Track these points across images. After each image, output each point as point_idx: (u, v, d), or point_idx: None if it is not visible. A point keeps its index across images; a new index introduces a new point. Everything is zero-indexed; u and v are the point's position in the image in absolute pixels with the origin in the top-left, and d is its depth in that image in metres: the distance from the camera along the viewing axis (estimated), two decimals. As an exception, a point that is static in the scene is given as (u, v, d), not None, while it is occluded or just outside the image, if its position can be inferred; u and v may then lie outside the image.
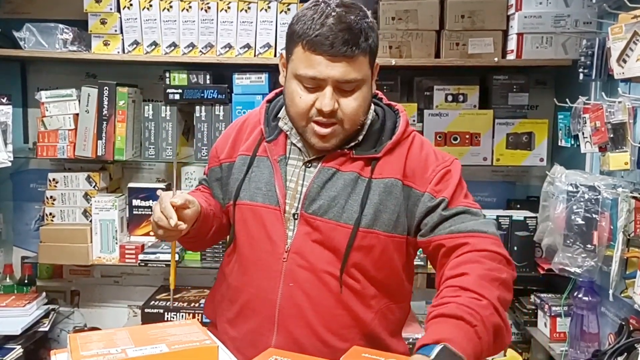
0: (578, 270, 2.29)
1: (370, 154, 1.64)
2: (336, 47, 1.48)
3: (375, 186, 1.61)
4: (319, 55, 1.50)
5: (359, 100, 1.57)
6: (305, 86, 1.55)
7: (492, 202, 3.21)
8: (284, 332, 1.63)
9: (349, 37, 1.49)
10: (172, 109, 2.93)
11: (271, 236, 1.63)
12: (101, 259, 2.97)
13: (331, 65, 1.50)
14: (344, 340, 1.61)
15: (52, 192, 3.03)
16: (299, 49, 1.53)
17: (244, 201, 1.68)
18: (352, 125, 1.60)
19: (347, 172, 1.63)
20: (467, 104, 2.93)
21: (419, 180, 1.63)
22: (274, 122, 1.73)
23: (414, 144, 1.68)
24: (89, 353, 1.07)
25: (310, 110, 1.56)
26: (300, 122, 1.60)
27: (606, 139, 2.11)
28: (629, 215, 2.10)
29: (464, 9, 2.80)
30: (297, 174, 1.67)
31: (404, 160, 1.64)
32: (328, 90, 1.53)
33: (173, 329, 1.21)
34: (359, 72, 1.54)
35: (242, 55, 2.86)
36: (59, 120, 2.92)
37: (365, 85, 1.58)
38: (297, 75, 1.55)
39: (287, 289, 1.62)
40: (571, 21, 2.71)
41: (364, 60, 1.55)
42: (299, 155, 1.68)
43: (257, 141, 1.72)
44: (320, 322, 1.62)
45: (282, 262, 1.63)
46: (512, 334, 3.19)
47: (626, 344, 1.98)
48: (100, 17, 2.86)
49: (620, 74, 2.01)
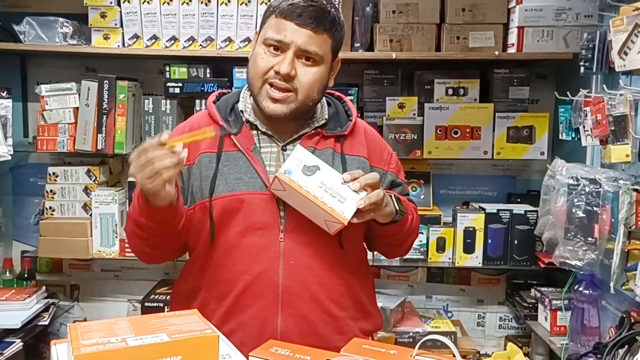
0: (579, 264, 2.28)
1: (338, 132, 1.80)
2: (304, 17, 1.64)
3: (349, 161, 1.78)
4: (288, 21, 1.65)
5: (315, 75, 1.70)
6: (270, 50, 1.68)
7: (492, 196, 3.22)
8: (289, 310, 1.70)
9: (317, 14, 1.65)
10: (172, 102, 2.92)
11: (263, 219, 1.69)
12: (101, 252, 2.96)
13: (297, 31, 1.65)
14: (342, 309, 1.77)
15: (52, 186, 3.02)
16: (271, 18, 1.69)
17: (223, 194, 1.71)
18: (305, 98, 1.70)
19: (322, 150, 1.77)
20: (468, 97, 2.93)
21: (378, 160, 1.86)
22: (230, 118, 1.78)
23: (366, 128, 1.91)
24: (89, 342, 1.06)
25: (268, 71, 1.67)
26: (257, 83, 1.70)
27: (607, 131, 2.10)
28: (630, 207, 2.10)
29: (465, 2, 2.79)
30: (274, 159, 1.75)
31: (365, 142, 1.84)
32: (289, 54, 1.66)
33: (174, 318, 1.21)
34: (320, 48, 1.68)
35: (242, 48, 2.85)
36: (59, 114, 2.91)
37: (323, 66, 1.72)
38: (265, 39, 1.68)
39: (289, 267, 1.70)
40: (572, 14, 2.71)
41: (326, 42, 1.70)
42: (270, 142, 1.77)
43: (219, 138, 1.74)
44: (324, 294, 1.73)
45: (279, 243, 1.70)
46: (513, 328, 3.23)
47: (627, 336, 1.98)
48: (100, 10, 2.84)
49: (622, 67, 2.01)
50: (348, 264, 1.79)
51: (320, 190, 1.59)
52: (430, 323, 2.97)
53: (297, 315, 1.70)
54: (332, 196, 1.59)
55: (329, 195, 1.59)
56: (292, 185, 1.59)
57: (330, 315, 1.74)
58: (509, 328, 3.28)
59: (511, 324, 3.28)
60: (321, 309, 1.73)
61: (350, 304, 1.79)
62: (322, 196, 1.59)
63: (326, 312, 1.73)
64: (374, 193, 1.62)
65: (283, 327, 1.69)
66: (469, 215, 2.92)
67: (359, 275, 1.85)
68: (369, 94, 3.01)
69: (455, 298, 3.30)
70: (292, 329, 1.69)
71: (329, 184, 1.60)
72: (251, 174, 1.71)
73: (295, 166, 1.61)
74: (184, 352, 1.10)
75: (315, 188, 1.59)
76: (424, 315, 3.10)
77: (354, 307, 1.79)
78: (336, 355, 1.41)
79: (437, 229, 2.94)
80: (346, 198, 1.60)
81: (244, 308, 1.71)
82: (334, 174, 1.63)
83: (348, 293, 1.78)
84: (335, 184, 1.61)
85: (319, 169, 1.63)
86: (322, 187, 1.60)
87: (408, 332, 2.85)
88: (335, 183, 1.61)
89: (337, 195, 1.60)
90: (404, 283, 3.28)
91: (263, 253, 1.70)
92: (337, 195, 1.60)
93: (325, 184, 1.60)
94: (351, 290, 1.79)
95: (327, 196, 1.59)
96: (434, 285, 3.30)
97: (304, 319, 1.71)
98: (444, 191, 3.23)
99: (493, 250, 2.91)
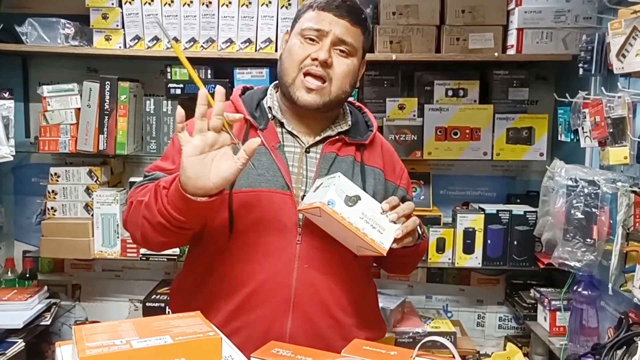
0: (577, 265, 2.29)
1: (359, 140, 1.81)
2: (341, 10, 1.68)
3: (368, 171, 1.79)
4: (326, 12, 1.68)
5: (350, 67, 1.71)
6: (307, 40, 1.69)
7: (492, 196, 3.23)
8: (299, 313, 1.68)
9: (353, 9, 1.70)
10: (174, 103, 2.94)
11: (283, 220, 1.66)
12: (102, 253, 2.98)
13: (336, 22, 1.68)
14: (349, 316, 1.76)
15: (54, 187, 3.04)
16: (309, 12, 1.72)
17: (244, 189, 1.67)
18: (338, 89, 1.71)
19: (344, 157, 1.78)
20: (468, 98, 2.95)
21: (391, 174, 1.87)
22: (256, 113, 1.77)
23: (382, 140, 1.93)
24: (94, 344, 1.07)
25: (304, 60, 1.68)
26: (292, 73, 1.70)
27: (606, 133, 2.11)
28: (628, 209, 2.11)
29: (465, 4, 2.81)
30: (297, 160, 1.74)
31: (381, 154, 1.86)
32: (327, 42, 1.68)
33: (177, 320, 1.22)
34: (355, 40, 1.71)
35: (243, 50, 2.87)
36: (61, 114, 2.92)
37: (356, 59, 1.74)
38: (302, 30, 1.70)
39: (303, 271, 1.68)
40: (571, 16, 2.72)
41: (360, 36, 1.73)
42: (294, 142, 1.76)
43: (244, 132, 1.72)
44: (333, 300, 1.72)
45: (296, 245, 1.68)
46: (512, 328, 3.24)
47: (625, 337, 1.99)
48: (102, 12, 2.86)
49: (620, 69, 2.01)
50: (357, 273, 1.79)
51: (361, 222, 1.58)
52: (430, 323, 2.99)
53: (305, 318, 1.69)
54: (373, 227, 1.59)
55: (369, 227, 1.58)
56: (335, 216, 1.56)
57: (336, 320, 1.73)
58: (509, 328, 3.30)
59: (511, 324, 3.30)
60: (329, 314, 1.72)
61: (356, 312, 1.78)
62: (363, 227, 1.58)
63: (333, 318, 1.73)
64: (411, 221, 1.63)
65: (292, 329, 1.67)
66: (468, 215, 2.94)
67: (365, 284, 1.86)
68: (369, 95, 3.02)
69: (455, 298, 3.32)
70: (299, 331, 1.67)
71: (370, 215, 1.60)
72: (274, 172, 1.69)
73: (338, 197, 1.58)
74: (188, 354, 1.11)
75: (357, 219, 1.58)
76: (424, 315, 3.11)
77: (359, 315, 1.79)
78: (337, 356, 1.42)
79: (437, 229, 2.96)
80: (385, 228, 1.60)
81: (252, 307, 1.68)
82: (373, 203, 1.63)
83: (355, 301, 1.78)
84: (375, 214, 1.60)
85: (360, 199, 1.61)
86: (363, 218, 1.59)
87: (408, 332, 2.86)
88: (375, 213, 1.61)
89: (377, 226, 1.59)
90: (403, 283, 3.30)
91: (279, 254, 1.68)
92: (377, 226, 1.59)
93: (366, 214, 1.59)
94: (358, 298, 1.79)
95: (368, 227, 1.58)
96: (433, 285, 3.32)
97: (311, 322, 1.69)
98: (443, 192, 3.24)
99: (492, 250, 2.93)
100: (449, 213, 3.08)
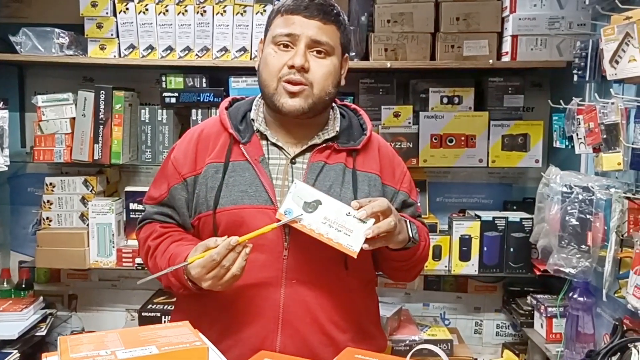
0: (573, 271, 2.29)
1: (351, 145, 1.76)
2: (311, 10, 1.65)
3: (361, 177, 1.74)
4: (295, 15, 1.66)
5: (329, 67, 1.68)
6: (280, 47, 1.67)
7: (488, 203, 3.22)
8: (289, 330, 1.65)
9: (322, 7, 1.67)
10: (169, 112, 2.94)
11: (267, 235, 1.60)
12: (98, 262, 2.97)
13: (306, 23, 1.65)
14: (343, 332, 1.71)
15: (49, 196, 3.03)
16: (277, 18, 1.69)
17: (227, 207, 1.67)
18: (320, 91, 1.67)
19: (334, 164, 1.73)
20: (463, 105, 2.94)
21: (390, 178, 1.81)
22: (241, 126, 1.75)
23: (381, 143, 1.86)
24: (78, 355, 1.07)
25: (282, 68, 1.65)
26: (272, 84, 1.67)
27: (600, 139, 2.11)
28: (622, 215, 2.10)
29: (459, 11, 2.81)
30: (282, 172, 1.71)
31: (378, 159, 1.80)
32: (300, 47, 1.65)
33: (164, 330, 1.22)
34: (330, 39, 1.67)
35: (238, 58, 2.87)
36: (56, 124, 2.92)
37: (335, 58, 1.70)
38: (273, 37, 1.68)
39: (290, 286, 1.65)
40: (565, 23, 2.73)
41: (335, 33, 1.70)
42: (279, 154, 1.73)
43: (227, 147, 1.72)
44: (325, 316, 1.68)
45: (282, 260, 1.65)
46: (510, 335, 3.23)
47: (619, 343, 1.98)
48: (97, 21, 2.86)
49: (613, 75, 2.01)
50: (352, 285, 1.74)
51: (324, 227, 1.53)
52: (427, 331, 2.98)
53: (297, 336, 1.65)
54: (338, 230, 1.53)
55: (334, 230, 1.53)
56: (294, 225, 1.54)
57: (330, 338, 1.69)
58: (506, 335, 3.28)
59: (508, 331, 3.28)
60: (321, 331, 1.68)
61: (352, 327, 1.73)
62: (327, 232, 1.53)
63: (326, 335, 1.68)
64: (384, 222, 1.55)
65: (282, 347, 1.63)
66: (464, 223, 2.93)
67: (363, 297, 1.81)
68: (364, 103, 3.02)
69: (452, 305, 3.31)
70: (290, 348, 1.62)
71: (333, 218, 1.54)
72: (256, 187, 1.67)
73: (295, 204, 1.55)
74: (173, 364, 1.11)
75: (319, 225, 1.54)
76: (421, 323, 3.10)
77: (356, 329, 1.74)
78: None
79: (433, 236, 2.94)
80: (352, 230, 1.53)
81: (242, 325, 1.66)
82: (336, 205, 1.57)
83: (350, 315, 1.73)
84: (340, 217, 1.55)
85: (321, 203, 1.56)
86: (326, 223, 1.54)
87: (404, 340, 2.85)
88: (340, 216, 1.55)
89: (342, 229, 1.53)
90: (400, 291, 3.29)
91: (265, 270, 1.65)
92: (343, 229, 1.53)
93: (329, 218, 1.54)
94: (354, 312, 1.74)
95: (333, 231, 1.53)
96: (430, 292, 3.31)
97: (303, 341, 1.65)
98: (439, 199, 3.23)
99: (489, 257, 2.92)
100: (445, 220, 3.07)
